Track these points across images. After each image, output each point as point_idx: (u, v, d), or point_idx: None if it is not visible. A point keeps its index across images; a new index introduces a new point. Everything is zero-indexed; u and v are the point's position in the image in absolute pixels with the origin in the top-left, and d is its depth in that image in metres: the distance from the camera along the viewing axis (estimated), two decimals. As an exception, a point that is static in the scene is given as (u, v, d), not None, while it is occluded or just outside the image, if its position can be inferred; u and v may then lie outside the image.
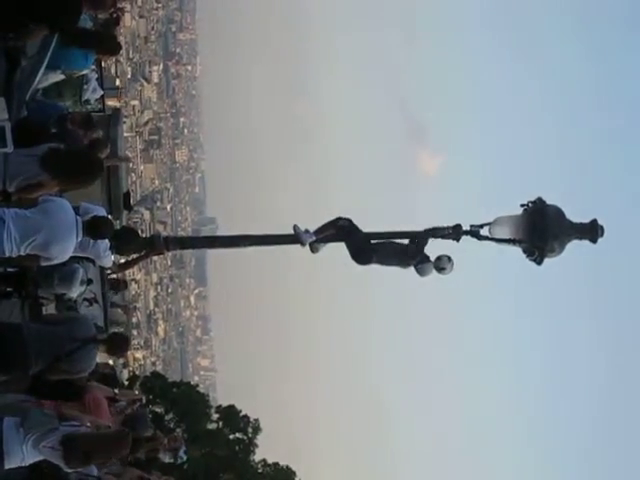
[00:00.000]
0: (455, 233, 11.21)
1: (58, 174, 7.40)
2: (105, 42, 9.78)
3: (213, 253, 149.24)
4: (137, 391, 28.31)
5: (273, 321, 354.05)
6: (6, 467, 6.52)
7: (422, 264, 10.99)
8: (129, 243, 8.77)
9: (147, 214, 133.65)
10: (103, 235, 7.99)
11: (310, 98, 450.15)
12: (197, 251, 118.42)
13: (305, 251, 11.14)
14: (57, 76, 10.20)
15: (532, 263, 11.42)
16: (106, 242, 8.27)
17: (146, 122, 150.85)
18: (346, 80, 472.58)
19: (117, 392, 11.00)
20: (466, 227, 11.31)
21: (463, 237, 11.27)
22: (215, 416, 34.77)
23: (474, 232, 11.34)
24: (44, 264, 7.82)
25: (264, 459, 34.37)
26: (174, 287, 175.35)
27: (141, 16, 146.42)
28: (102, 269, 12.52)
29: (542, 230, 11.19)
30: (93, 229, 7.72)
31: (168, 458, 11.95)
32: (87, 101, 11.57)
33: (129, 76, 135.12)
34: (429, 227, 11.25)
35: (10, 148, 7.30)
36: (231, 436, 34.29)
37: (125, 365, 42.93)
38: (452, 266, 11.01)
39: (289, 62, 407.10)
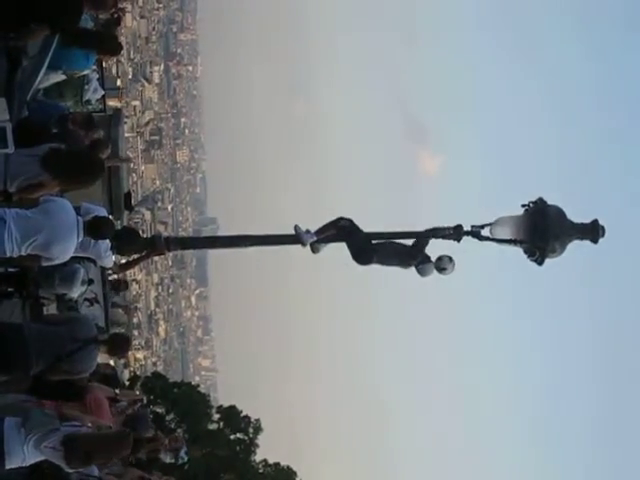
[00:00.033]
0: (456, 233, 11.21)
1: (59, 174, 7.41)
2: (106, 42, 9.77)
3: (214, 253, 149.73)
4: (138, 391, 28.30)
5: (274, 321, 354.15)
6: (7, 467, 6.53)
7: (423, 264, 10.99)
8: (130, 243, 8.76)
9: (148, 214, 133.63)
10: (104, 235, 7.99)
11: (310, 98, 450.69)
12: (198, 251, 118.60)
13: (306, 251, 11.13)
14: (58, 76, 10.21)
15: (533, 263, 11.42)
16: (107, 242, 8.26)
17: (147, 122, 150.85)
18: (346, 80, 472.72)
19: (118, 392, 11.00)
20: (467, 227, 11.30)
21: (464, 237, 11.26)
22: (216, 416, 34.78)
23: (475, 232, 11.33)
24: (45, 264, 7.82)
25: (265, 459, 34.41)
26: (175, 287, 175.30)
27: (142, 16, 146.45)
28: (103, 269, 12.54)
29: (543, 230, 11.18)
30: (94, 229, 7.72)
31: (169, 458, 11.93)
32: (88, 101, 11.58)
33: (130, 76, 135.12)
34: (430, 227, 11.24)
35: (11, 149, 7.30)
36: (232, 436, 34.30)
37: (126, 365, 42.89)
38: (453, 266, 11.00)
39: (289, 62, 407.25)
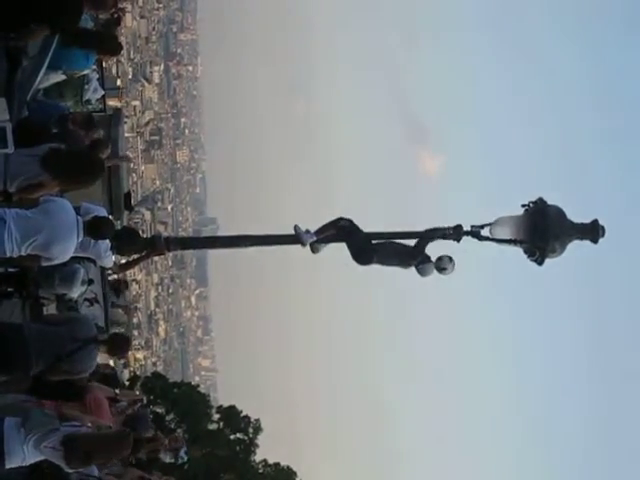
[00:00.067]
0: (456, 233, 11.20)
1: (59, 174, 7.41)
2: (106, 42, 9.78)
3: (214, 253, 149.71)
4: (138, 391, 28.30)
5: (274, 321, 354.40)
6: (7, 467, 6.54)
7: (423, 264, 10.98)
8: (130, 243, 8.76)
9: (148, 214, 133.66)
10: (104, 235, 7.99)
11: (310, 98, 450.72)
12: (198, 251, 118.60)
13: (306, 251, 11.13)
14: (58, 76, 10.21)
15: (533, 263, 11.42)
16: (107, 242, 8.26)
17: (147, 122, 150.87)
18: (346, 80, 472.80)
19: (118, 392, 11.00)
20: (467, 227, 11.30)
21: (464, 237, 11.25)
22: (216, 416, 34.81)
23: (475, 232, 11.32)
24: (45, 264, 7.82)
25: (265, 459, 34.43)
26: (175, 287, 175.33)
27: (142, 16, 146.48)
28: (103, 269, 12.52)
29: (543, 230, 11.17)
30: (94, 229, 7.71)
31: (169, 458, 11.93)
32: (88, 101, 11.58)
33: (130, 76, 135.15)
34: (430, 227, 11.24)
35: (11, 149, 7.30)
36: (232, 436, 34.32)
37: (126, 365, 42.83)
38: (453, 266, 11.00)
39: (290, 62, 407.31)
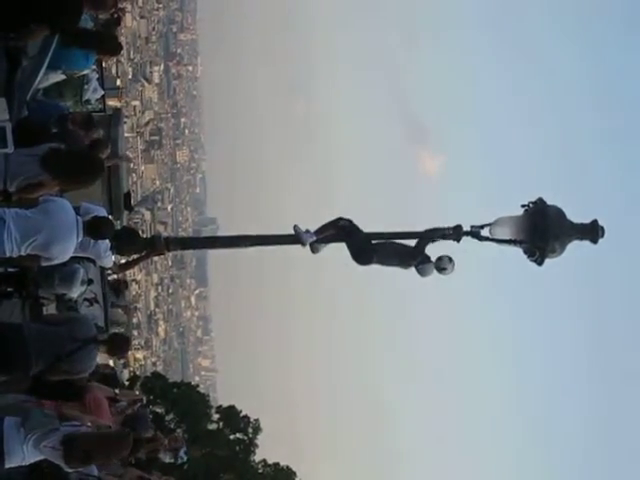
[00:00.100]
0: (455, 234, 11.20)
1: (59, 174, 7.41)
2: (106, 42, 9.78)
3: (214, 253, 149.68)
4: (138, 391, 28.27)
5: (274, 322, 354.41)
6: (7, 466, 6.55)
7: (423, 264, 10.98)
8: (130, 243, 8.76)
9: (148, 214, 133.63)
10: (104, 235, 7.99)
11: (310, 98, 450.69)
12: (198, 251, 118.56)
13: (306, 251, 11.13)
14: (58, 76, 10.21)
15: (533, 264, 11.42)
16: (107, 242, 8.26)
17: (147, 122, 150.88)
18: (346, 80, 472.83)
19: (117, 392, 11.00)
20: (467, 228, 11.30)
21: (464, 238, 11.26)
22: (215, 416, 34.80)
23: (475, 233, 11.32)
24: (45, 264, 7.81)
25: (264, 459, 34.42)
26: (175, 287, 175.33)
27: (142, 16, 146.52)
28: (103, 269, 12.51)
29: (543, 230, 11.17)
30: (94, 229, 7.72)
31: (168, 458, 11.93)
32: (88, 101, 11.58)
33: (130, 76, 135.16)
34: (430, 227, 11.24)
35: (11, 149, 7.30)
36: (231, 436, 34.32)
37: (125, 365, 42.89)
38: (453, 267, 10.99)
39: (289, 62, 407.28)
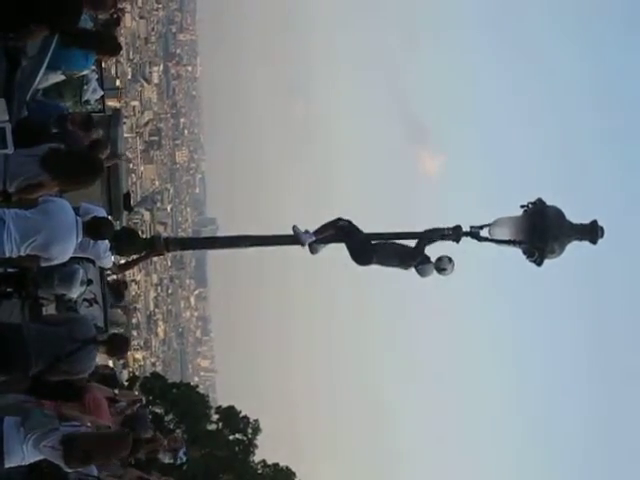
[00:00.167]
0: (455, 234, 11.21)
1: (58, 174, 7.40)
2: (105, 43, 9.79)
3: (213, 254, 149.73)
4: (137, 392, 28.25)
5: (273, 322, 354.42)
6: (6, 466, 6.56)
7: (423, 265, 10.99)
8: (129, 244, 8.77)
9: (147, 215, 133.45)
10: (103, 236, 7.99)
11: (310, 99, 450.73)
12: (197, 252, 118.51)
13: (305, 252, 11.14)
14: (57, 76, 10.21)
15: (532, 264, 11.43)
16: (106, 243, 8.27)
17: (146, 123, 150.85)
18: (346, 81, 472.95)
19: (117, 393, 10.99)
20: (466, 228, 11.31)
21: (463, 238, 11.27)
22: (215, 417, 34.76)
23: (474, 233, 11.33)
24: (44, 265, 7.80)
25: (264, 460, 34.38)
26: (174, 288, 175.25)
27: (141, 17, 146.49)
28: (102, 270, 12.50)
29: (542, 231, 11.19)
30: (93, 230, 7.72)
31: (168, 459, 11.92)
32: (87, 101, 11.58)
33: (129, 77, 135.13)
34: (429, 228, 11.25)
35: (11, 149, 7.30)
36: (231, 437, 34.28)
37: (125, 366, 42.90)
38: (453, 267, 11.00)
39: (289, 62, 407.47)
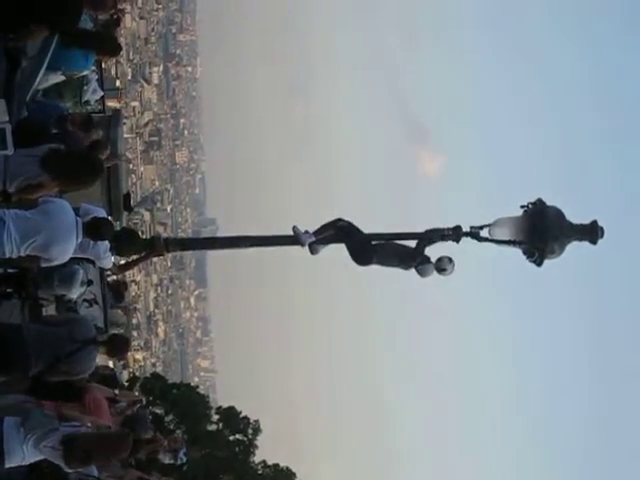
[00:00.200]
0: (455, 234, 11.22)
1: (58, 175, 7.41)
2: (105, 43, 9.79)
3: (213, 254, 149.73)
4: (137, 392, 28.27)
5: (273, 322, 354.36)
6: (6, 466, 6.57)
7: (423, 265, 11.00)
8: (129, 244, 8.77)
9: (147, 215, 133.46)
10: (103, 236, 7.99)
11: (310, 99, 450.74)
12: (197, 252, 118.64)
13: (305, 252, 11.14)
14: (57, 77, 10.21)
15: (532, 264, 11.43)
16: (106, 243, 8.27)
17: (146, 123, 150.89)
18: (346, 81, 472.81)
19: (117, 393, 10.99)
20: (466, 228, 11.31)
21: (463, 238, 11.27)
22: (215, 417, 34.76)
23: (474, 233, 11.34)
24: (44, 265, 7.81)
25: (264, 460, 34.38)
26: (174, 288, 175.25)
27: (141, 17, 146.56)
28: (102, 270, 12.51)
29: (542, 231, 11.19)
30: (93, 230, 7.72)
31: (168, 459, 11.92)
32: (87, 102, 11.59)
33: (129, 77, 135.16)
34: (429, 228, 11.25)
35: (11, 150, 7.30)
36: (231, 437, 34.28)
37: (125, 366, 42.84)
38: (453, 267, 11.01)
39: (289, 63, 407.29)
